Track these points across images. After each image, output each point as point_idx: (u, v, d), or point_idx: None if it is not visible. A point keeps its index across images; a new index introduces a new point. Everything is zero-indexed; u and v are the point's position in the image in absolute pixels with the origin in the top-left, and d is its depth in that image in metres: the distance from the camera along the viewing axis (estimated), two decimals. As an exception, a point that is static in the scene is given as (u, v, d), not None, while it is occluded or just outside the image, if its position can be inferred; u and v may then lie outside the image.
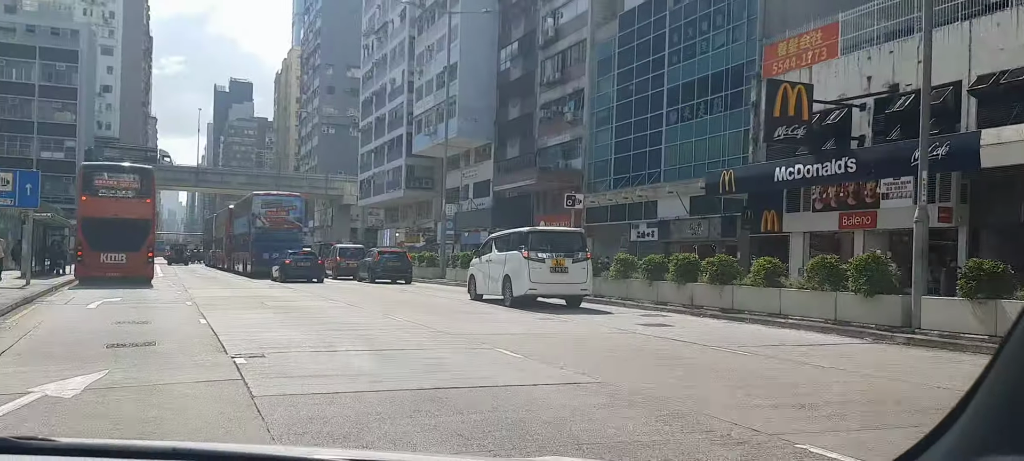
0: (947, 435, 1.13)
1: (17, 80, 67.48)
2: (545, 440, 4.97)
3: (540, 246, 19.56)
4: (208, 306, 16.99)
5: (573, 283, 19.31)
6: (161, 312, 15.63)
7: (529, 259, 19.01)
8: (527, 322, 15.14)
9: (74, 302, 17.90)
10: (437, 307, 18.46)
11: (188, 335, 11.13)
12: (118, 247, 27.31)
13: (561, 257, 19.24)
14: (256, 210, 37.60)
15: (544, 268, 18.99)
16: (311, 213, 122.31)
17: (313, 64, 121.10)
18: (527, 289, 18.96)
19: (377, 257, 32.57)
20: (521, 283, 19.11)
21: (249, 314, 15.30)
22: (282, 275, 31.60)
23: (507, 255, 20.14)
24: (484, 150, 59.68)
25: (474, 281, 22.45)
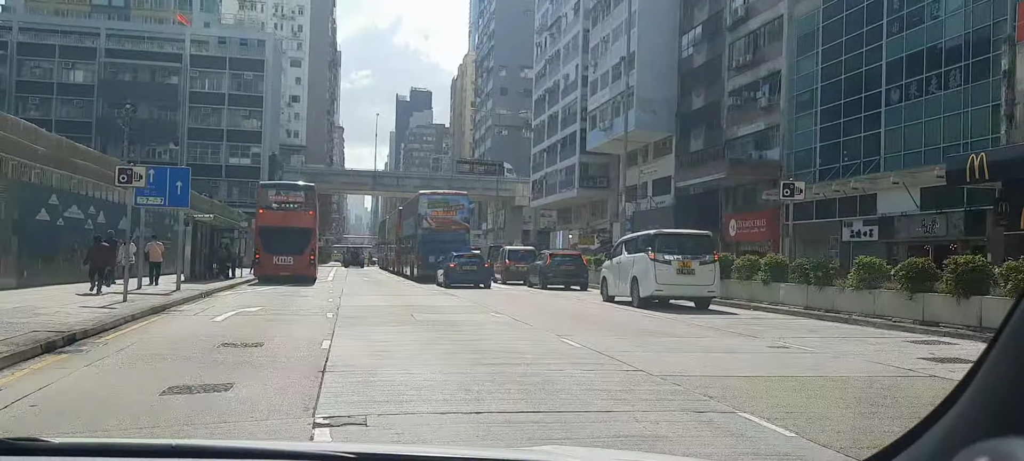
0: (940, 422, 1.14)
1: (209, 90, 70.51)
2: None
3: (667, 248, 19.92)
4: (348, 320, 14.20)
5: (700, 285, 19.54)
6: (289, 327, 12.95)
7: (655, 261, 19.42)
8: (732, 344, 11.05)
9: (207, 313, 15.74)
10: (617, 324, 14.74)
11: (288, 372, 8.04)
12: (287, 251, 31.88)
13: (688, 259, 19.55)
14: (422, 210, 35.49)
15: (670, 270, 19.34)
16: (484, 215, 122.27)
17: (487, 67, 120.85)
18: (653, 290, 19.37)
19: (549, 260, 29.31)
20: (647, 284, 19.49)
21: (390, 333, 12.26)
22: (446, 279, 29.22)
23: (635, 257, 20.60)
24: (664, 144, 55.19)
25: (606, 283, 23.06)
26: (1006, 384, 1.06)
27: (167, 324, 13.19)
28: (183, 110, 69.26)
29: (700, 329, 14.03)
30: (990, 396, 1.08)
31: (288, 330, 12.49)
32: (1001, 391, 1.06)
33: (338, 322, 13.75)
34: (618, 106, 56.72)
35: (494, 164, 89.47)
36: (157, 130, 69.39)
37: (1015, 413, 1.03)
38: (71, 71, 67.78)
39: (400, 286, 30.80)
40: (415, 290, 27.27)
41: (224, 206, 43.93)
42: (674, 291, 19.53)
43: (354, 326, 13.15)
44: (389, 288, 29.10)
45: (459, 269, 28.89)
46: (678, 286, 19.46)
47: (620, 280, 21.64)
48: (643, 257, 19.95)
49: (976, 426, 1.07)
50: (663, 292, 19.40)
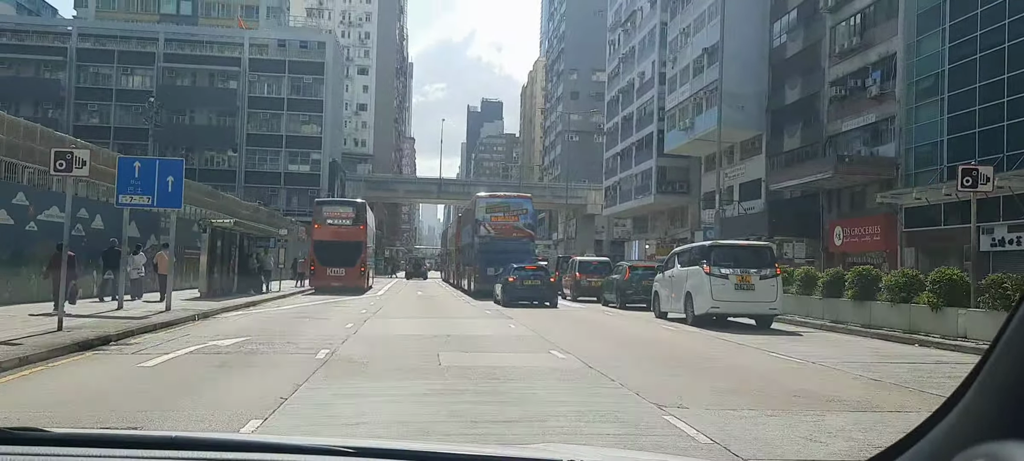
0: (940, 425, 1.15)
1: (268, 95, 68.00)
2: None
3: (723, 261, 18.52)
4: (341, 368, 9.72)
5: (760, 301, 18.15)
6: (240, 381, 8.56)
7: (711, 275, 18.09)
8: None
9: (163, 347, 11.53)
10: (743, 371, 9.84)
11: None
12: (339, 263, 33.94)
13: (746, 273, 18.10)
14: (479, 215, 31.16)
15: (728, 285, 18.01)
16: (554, 225, 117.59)
17: (557, 70, 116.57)
18: (709, 307, 18.08)
19: (627, 274, 24.50)
20: (702, 300, 18.20)
21: (384, 401, 7.63)
22: (504, 296, 24.91)
23: (689, 270, 19.30)
24: (752, 143, 49.64)
25: (657, 298, 21.35)
26: (1006, 387, 1.05)
27: (59, 375, 8.94)
28: (241, 115, 66.85)
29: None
30: (990, 399, 1.08)
31: (229, 385, 8.15)
32: (1001, 394, 1.06)
33: (325, 370, 9.35)
34: (700, 103, 51.48)
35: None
36: (215, 136, 67.21)
37: (1014, 416, 1.02)
38: (129, 77, 66.13)
39: (451, 303, 26.50)
40: (465, 310, 22.87)
41: (257, 209, 40.56)
42: (732, 308, 18.18)
43: (342, 380, 8.72)
44: (437, 306, 24.81)
45: (520, 284, 24.41)
46: (736, 303, 18.04)
47: (673, 296, 20.04)
48: (697, 271, 18.53)
49: (976, 428, 1.06)
50: (719, 309, 18.02)
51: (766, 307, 18.20)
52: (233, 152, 66.32)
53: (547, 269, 26.86)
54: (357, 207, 37.24)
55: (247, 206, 42.04)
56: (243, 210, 39.80)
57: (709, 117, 49.85)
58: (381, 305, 24.95)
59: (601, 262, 31.66)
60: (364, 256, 35.95)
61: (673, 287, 20.08)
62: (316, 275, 34.99)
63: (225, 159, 67.08)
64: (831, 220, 39.84)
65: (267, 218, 44.43)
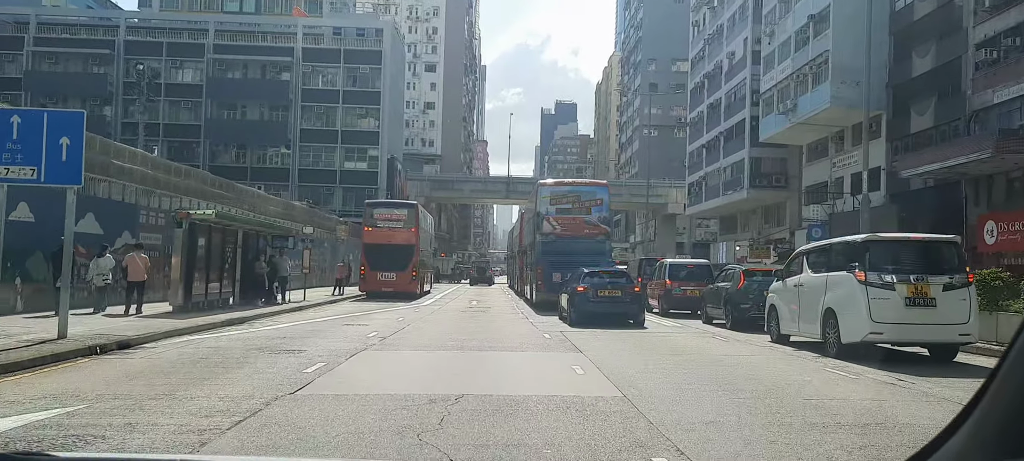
0: (954, 439, 1.13)
1: (323, 87, 63.47)
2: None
3: (886, 263, 12.44)
4: None
5: (944, 323, 11.97)
6: None
7: (868, 284, 12.07)
8: None
9: None
10: None
11: None
12: (390, 267, 32.65)
13: (923, 281, 11.99)
14: (541, 207, 25.04)
15: (894, 299, 11.92)
16: (631, 227, 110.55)
17: (633, 62, 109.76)
18: (866, 332, 11.96)
19: (742, 281, 17.86)
20: (855, 322, 12.17)
21: None
22: (574, 311, 18.66)
23: (829, 277, 13.29)
24: (871, 127, 41.95)
25: (775, 315, 15.47)
26: (1011, 408, 1.04)
27: None
28: (295, 109, 62.49)
29: None
30: (994, 420, 1.07)
31: None
32: (1006, 415, 1.05)
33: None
34: (804, 80, 44.25)
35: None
36: (267, 132, 63.10)
37: (1018, 437, 1.01)
38: (179, 70, 62.51)
39: (501, 320, 20.38)
40: (515, 333, 16.74)
41: (268, 199, 35.54)
42: (903, 334, 12.24)
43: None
44: (481, 325, 18.67)
45: (593, 296, 18.28)
46: (909, 326, 12.07)
47: (800, 312, 14.15)
48: (846, 278, 12.71)
49: (981, 450, 1.06)
50: (884, 335, 12.15)
51: (953, 332, 12.28)
52: (286, 149, 61.99)
53: (629, 275, 20.35)
54: (409, 208, 35.94)
55: (275, 201, 37.02)
56: (271, 206, 34.79)
57: (816, 96, 42.72)
58: (412, 320, 19.34)
59: (698, 266, 24.78)
60: (415, 260, 33.80)
61: (801, 300, 14.15)
62: (366, 280, 33.71)
63: (278, 156, 62.82)
64: (979, 213, 32.28)
65: (308, 217, 39.37)
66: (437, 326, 17.90)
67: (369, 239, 33.71)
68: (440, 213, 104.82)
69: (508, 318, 21.22)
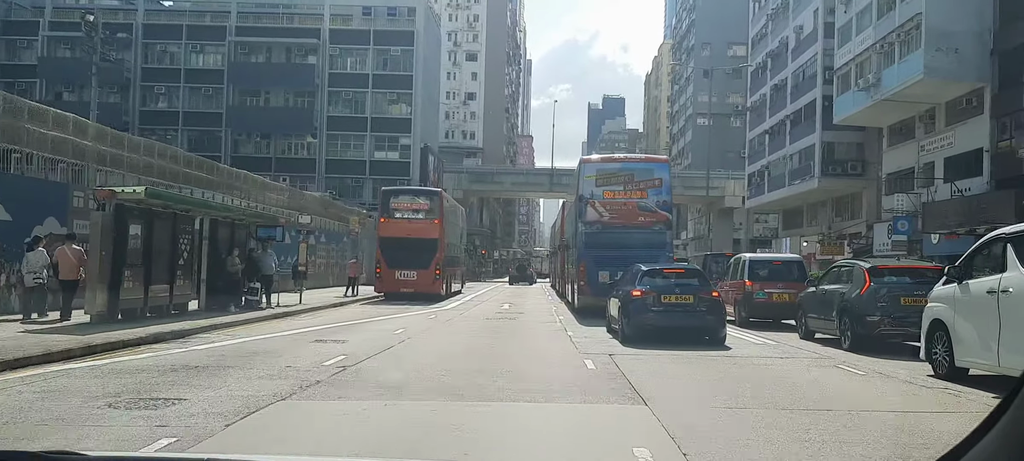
0: (985, 439, 1.14)
1: (351, 71, 59.24)
2: None
3: None
4: None
5: None
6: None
7: None
8: None
9: None
10: None
11: None
12: (410, 265, 28.55)
13: None
14: (585, 189, 19.97)
15: None
16: (683, 223, 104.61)
17: (686, 47, 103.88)
18: None
19: (867, 283, 12.36)
20: None
21: None
22: (630, 324, 13.45)
23: None
24: (968, 102, 36.20)
25: (944, 336, 9.56)
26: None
27: None
28: (321, 95, 58.38)
29: None
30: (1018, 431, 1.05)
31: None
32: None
33: None
34: (890, 50, 38.43)
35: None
36: (293, 120, 59.14)
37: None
38: (199, 55, 58.86)
39: (533, 335, 15.22)
40: (550, 355, 11.74)
41: (268, 186, 30.92)
42: None
43: None
44: (504, 343, 13.53)
45: (654, 303, 13.21)
46: None
47: (1010, 333, 8.28)
48: None
49: (1012, 450, 1.06)
50: None
51: None
52: (312, 138, 57.99)
53: (704, 275, 15.29)
54: (432, 197, 31.43)
55: (277, 188, 32.64)
56: (272, 193, 30.43)
57: (904, 68, 36.90)
58: (414, 334, 14.81)
59: (787, 263, 19.08)
60: (439, 256, 29.49)
61: (1007, 314, 8.58)
62: (382, 278, 29.64)
63: (304, 146, 58.85)
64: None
65: (322, 208, 35.00)
66: (442, 345, 13.05)
67: (385, 232, 29.48)
68: (482, 208, 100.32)
69: (541, 331, 16.19)
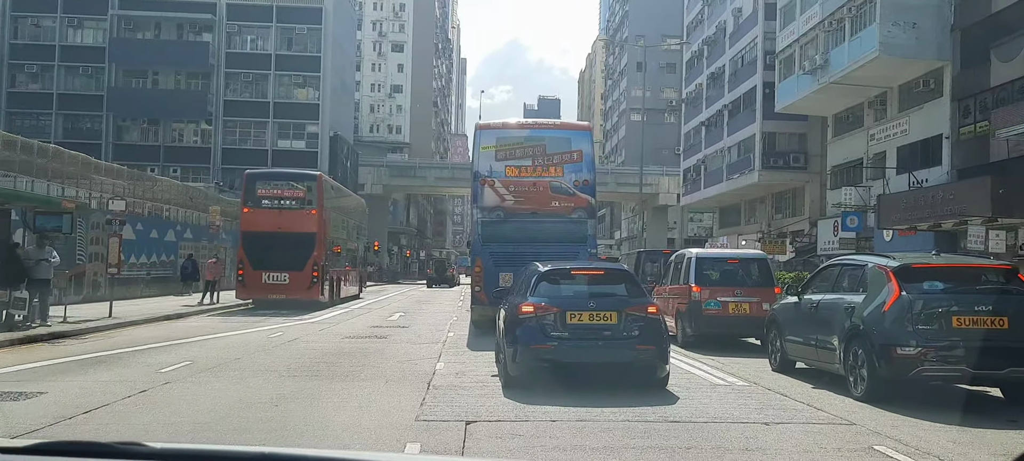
0: None
1: (251, 50, 53.28)
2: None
3: None
4: None
5: None
6: None
7: None
8: None
9: None
10: None
11: None
12: (280, 265, 23.63)
13: None
14: (482, 165, 15.08)
15: None
16: (617, 222, 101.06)
17: (619, 39, 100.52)
18: None
19: (894, 297, 7.65)
20: None
21: None
22: (513, 360, 8.50)
23: None
24: (925, 84, 32.75)
25: None
26: None
27: None
28: (217, 77, 52.32)
29: None
30: None
31: None
32: None
33: None
34: (839, 27, 34.87)
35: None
36: (184, 104, 52.91)
37: None
38: (77, 30, 52.09)
39: (381, 371, 9.82)
40: (368, 416, 6.98)
41: (91, 164, 25.06)
42: None
43: None
44: (324, 389, 8.24)
45: (556, 325, 8.34)
46: None
47: None
48: None
49: None
50: None
51: None
52: (207, 124, 51.97)
53: (633, 278, 9.82)
54: (308, 182, 25.58)
55: (113, 170, 26.77)
56: (102, 177, 24.69)
57: (856, 45, 33.33)
58: (191, 374, 9.66)
59: (749, 261, 14.18)
60: (317, 255, 23.96)
61: None
62: (246, 283, 23.97)
63: (197, 132, 52.74)
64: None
65: (185, 196, 29.38)
66: (205, 402, 7.88)
67: (250, 225, 24.11)
68: (408, 205, 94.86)
69: (401, 361, 11.18)
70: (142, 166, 43.52)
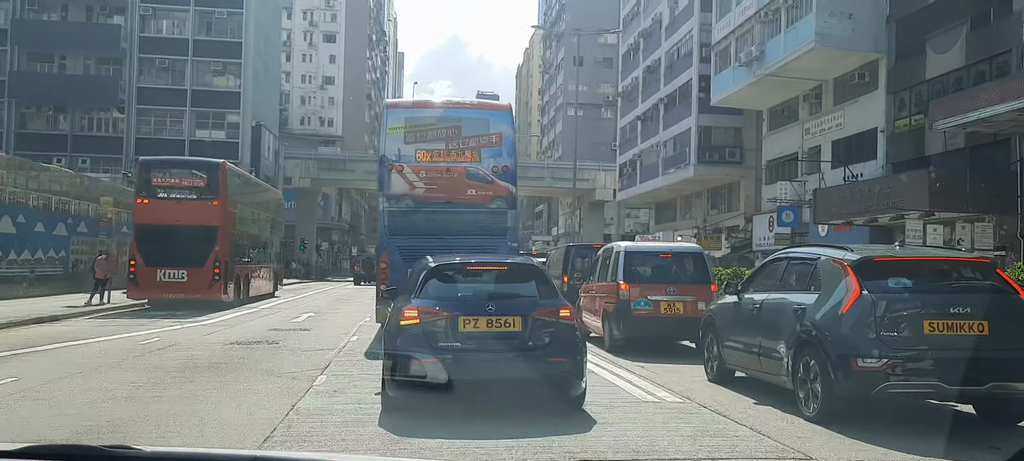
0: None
1: (167, 35, 50.30)
2: None
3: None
4: None
5: None
6: None
7: None
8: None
9: None
10: None
11: None
12: (177, 262, 21.60)
13: None
14: (389, 149, 13.39)
15: None
16: (554, 217, 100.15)
17: (556, 33, 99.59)
18: None
19: (856, 293, 6.33)
20: None
21: None
22: (393, 377, 6.97)
23: None
24: (861, 76, 32.30)
25: None
26: None
27: None
28: (130, 62, 49.28)
29: None
30: None
31: None
32: None
33: None
34: (775, 17, 34.24)
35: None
36: (94, 91, 49.62)
37: None
38: (-26, 10, 48.40)
39: (230, 396, 8.56)
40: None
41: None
42: None
43: None
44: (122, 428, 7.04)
45: (446, 334, 6.81)
46: None
47: None
48: None
49: None
50: None
51: None
52: (120, 112, 48.90)
53: (543, 273, 7.81)
54: (209, 170, 23.27)
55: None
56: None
57: (792, 36, 32.70)
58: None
59: (683, 255, 12.85)
60: (220, 250, 21.92)
61: None
62: (139, 280, 21.83)
63: (109, 121, 49.60)
64: (1052, 181, 22.51)
65: (83, 188, 26.90)
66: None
67: (144, 217, 22.03)
68: (341, 201, 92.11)
69: (269, 387, 8.70)
70: (47, 156, 40.59)
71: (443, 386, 6.64)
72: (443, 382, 6.57)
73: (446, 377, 6.60)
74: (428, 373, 6.63)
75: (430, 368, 6.65)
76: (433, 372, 6.62)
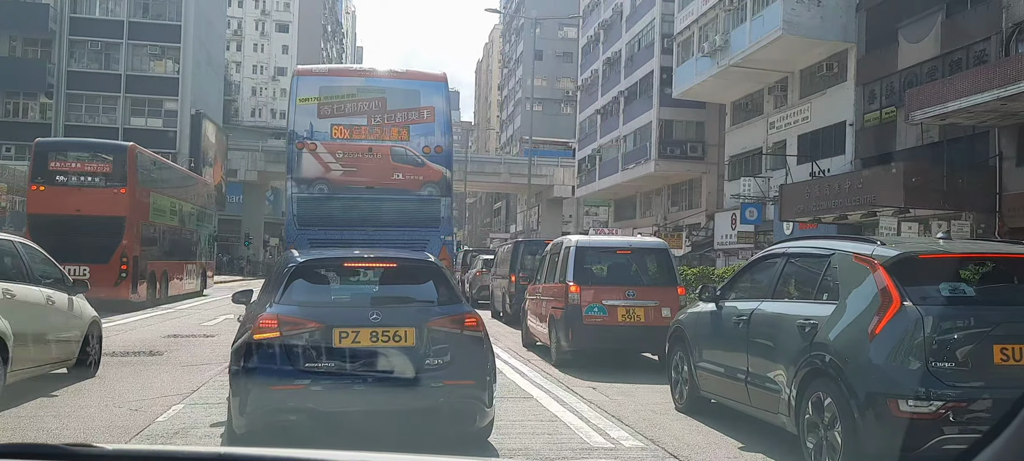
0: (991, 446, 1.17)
1: (100, 16, 47.33)
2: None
3: None
4: None
5: None
6: None
7: None
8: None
9: None
10: None
11: None
12: (79, 257, 18.16)
13: None
14: (300, 124, 11.30)
15: None
16: (512, 214, 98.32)
17: (515, 27, 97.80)
18: None
19: (895, 304, 4.34)
20: None
21: None
22: (241, 412, 4.96)
23: None
24: (829, 68, 30.99)
25: None
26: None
27: None
28: (59, 45, 46.22)
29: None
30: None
31: None
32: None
33: None
34: (740, 6, 32.68)
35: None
36: (20, 74, 46.44)
37: None
38: None
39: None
40: None
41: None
42: None
43: None
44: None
45: (313, 354, 4.87)
46: None
47: None
48: None
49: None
50: None
51: None
52: (48, 98, 45.84)
53: (448, 278, 5.75)
54: (115, 154, 20.82)
55: None
56: None
57: (758, 25, 31.21)
58: None
59: (643, 251, 10.54)
60: (128, 244, 19.61)
61: None
62: None
63: (36, 107, 46.50)
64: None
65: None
66: None
67: (39, 206, 19.61)
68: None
69: (106, 420, 6.88)
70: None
71: (309, 419, 4.63)
72: (310, 414, 4.56)
73: (315, 408, 4.58)
74: (288, 404, 4.61)
75: (290, 397, 4.65)
76: (293, 403, 4.62)
